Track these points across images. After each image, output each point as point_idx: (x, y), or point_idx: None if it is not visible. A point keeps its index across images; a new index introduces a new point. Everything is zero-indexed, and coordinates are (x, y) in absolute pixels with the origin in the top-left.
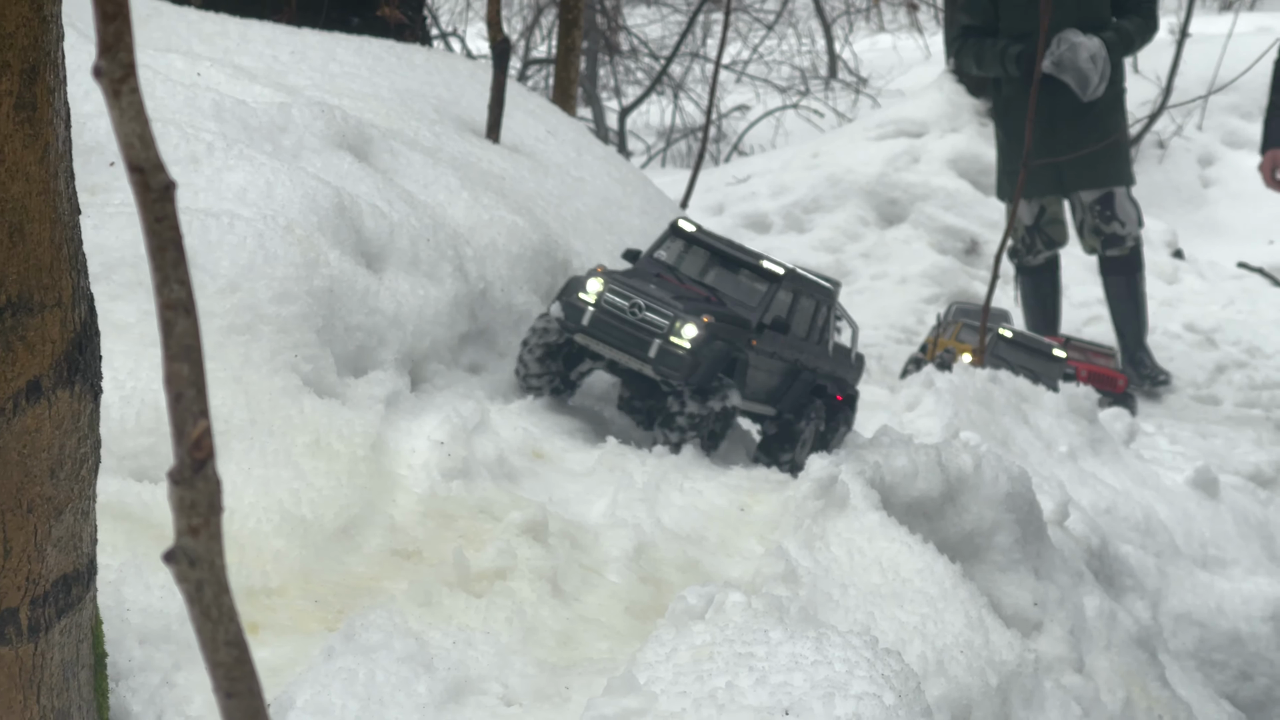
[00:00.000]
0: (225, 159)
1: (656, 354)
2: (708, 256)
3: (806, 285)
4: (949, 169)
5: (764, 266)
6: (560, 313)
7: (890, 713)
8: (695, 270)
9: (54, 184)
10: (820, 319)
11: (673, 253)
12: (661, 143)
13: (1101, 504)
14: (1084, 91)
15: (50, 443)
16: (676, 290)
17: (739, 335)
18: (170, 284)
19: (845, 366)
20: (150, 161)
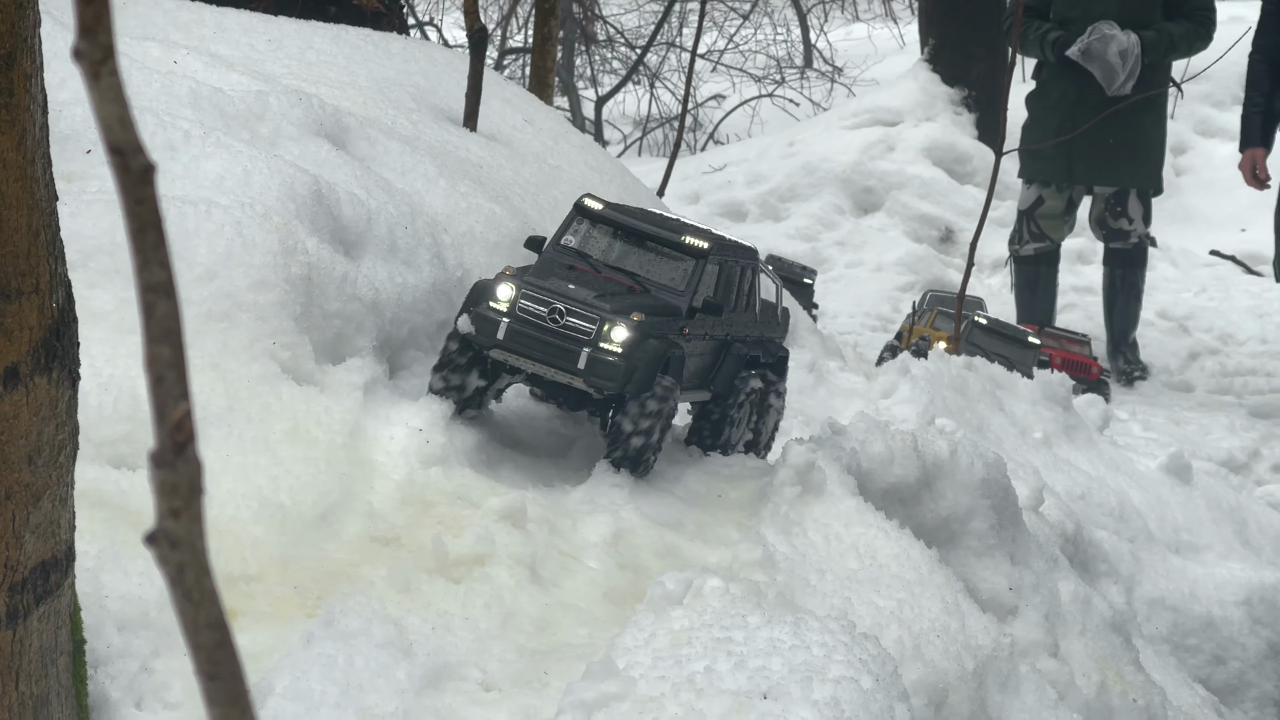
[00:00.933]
0: (202, 147)
1: (586, 364)
2: (622, 236)
3: (731, 253)
4: (924, 157)
5: (686, 243)
6: (470, 326)
7: (868, 696)
8: (610, 253)
9: (31, 170)
10: (745, 284)
11: (582, 236)
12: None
13: (1076, 490)
14: (1109, 85)
15: (28, 429)
16: (596, 284)
17: (671, 327)
18: (151, 266)
19: (772, 325)
20: (130, 143)
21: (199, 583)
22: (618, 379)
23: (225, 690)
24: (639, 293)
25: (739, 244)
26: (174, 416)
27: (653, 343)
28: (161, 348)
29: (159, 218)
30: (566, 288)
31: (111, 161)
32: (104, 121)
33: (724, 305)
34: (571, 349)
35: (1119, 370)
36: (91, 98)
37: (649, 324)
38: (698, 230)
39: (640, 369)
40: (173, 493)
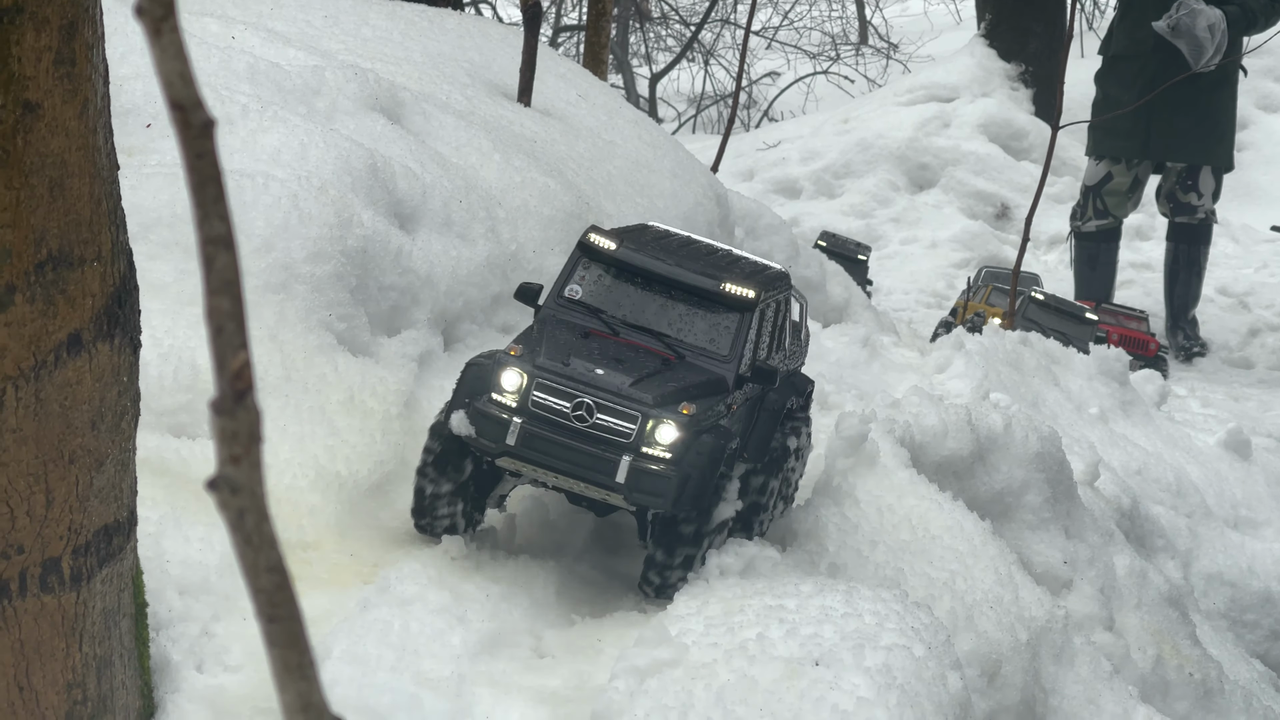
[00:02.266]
0: (260, 121)
1: (628, 477)
2: (643, 282)
3: (772, 291)
4: (980, 134)
5: (729, 293)
6: (469, 428)
7: (920, 664)
8: (629, 306)
9: (93, 139)
10: (781, 319)
11: (591, 284)
12: (692, 109)
13: (1132, 465)
14: (1196, 61)
15: (91, 395)
16: (624, 358)
17: (719, 409)
18: (211, 219)
19: (799, 354)
20: (191, 99)
21: (258, 527)
22: (668, 495)
23: (284, 632)
24: (676, 365)
25: (776, 274)
26: (233, 365)
27: (706, 441)
28: (221, 299)
29: (219, 172)
30: (593, 372)
31: (172, 117)
32: (165, 78)
33: (776, 369)
34: (608, 456)
35: (1178, 346)
36: (153, 54)
37: (699, 414)
38: (739, 269)
39: (694, 479)
40: (233, 439)
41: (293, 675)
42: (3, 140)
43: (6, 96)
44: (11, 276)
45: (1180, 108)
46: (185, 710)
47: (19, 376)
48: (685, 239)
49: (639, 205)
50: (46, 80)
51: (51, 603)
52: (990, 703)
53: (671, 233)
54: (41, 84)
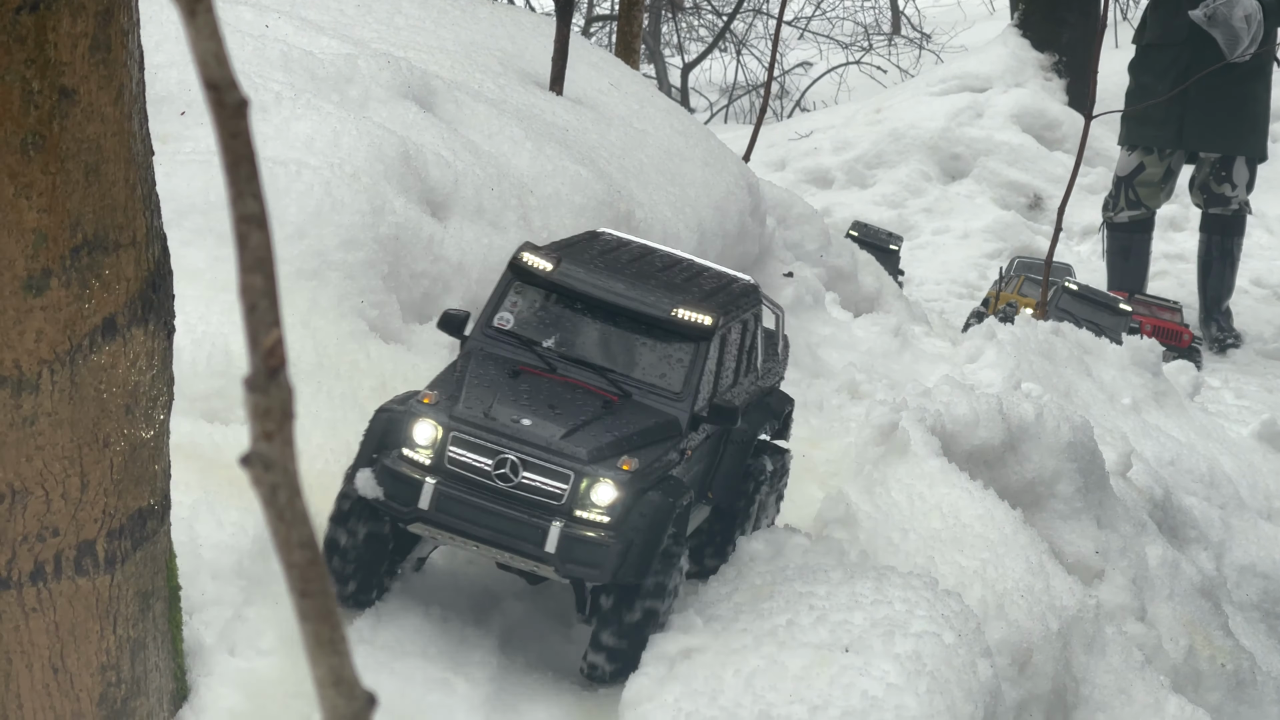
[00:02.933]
0: (293, 109)
1: (559, 546)
2: (583, 308)
3: (736, 312)
4: (1013, 124)
5: (681, 320)
6: (376, 490)
7: (950, 651)
8: (568, 334)
9: (128, 125)
10: (748, 341)
11: (524, 311)
12: (724, 99)
13: (1165, 456)
14: (1231, 50)
15: (125, 379)
16: (557, 401)
17: (670, 455)
18: (245, 198)
19: (773, 370)
20: (225, 79)
21: (291, 503)
22: (606, 565)
23: (317, 606)
24: (620, 407)
25: (741, 290)
26: (266, 343)
27: (652, 500)
28: (254, 277)
29: (252, 151)
30: (518, 422)
31: (207, 97)
32: (200, 57)
33: (737, 406)
34: (535, 522)
35: (1211, 337)
36: (188, 34)
37: (644, 469)
38: (697, 288)
39: (638, 547)
40: (266, 416)
41: (325, 650)
42: (39, 126)
43: (43, 82)
44: (47, 260)
45: (1214, 98)
46: (218, 693)
47: (54, 360)
48: (640, 250)
49: (670, 194)
50: (82, 66)
51: (86, 585)
52: (1021, 691)
53: (625, 243)
54: (78, 70)
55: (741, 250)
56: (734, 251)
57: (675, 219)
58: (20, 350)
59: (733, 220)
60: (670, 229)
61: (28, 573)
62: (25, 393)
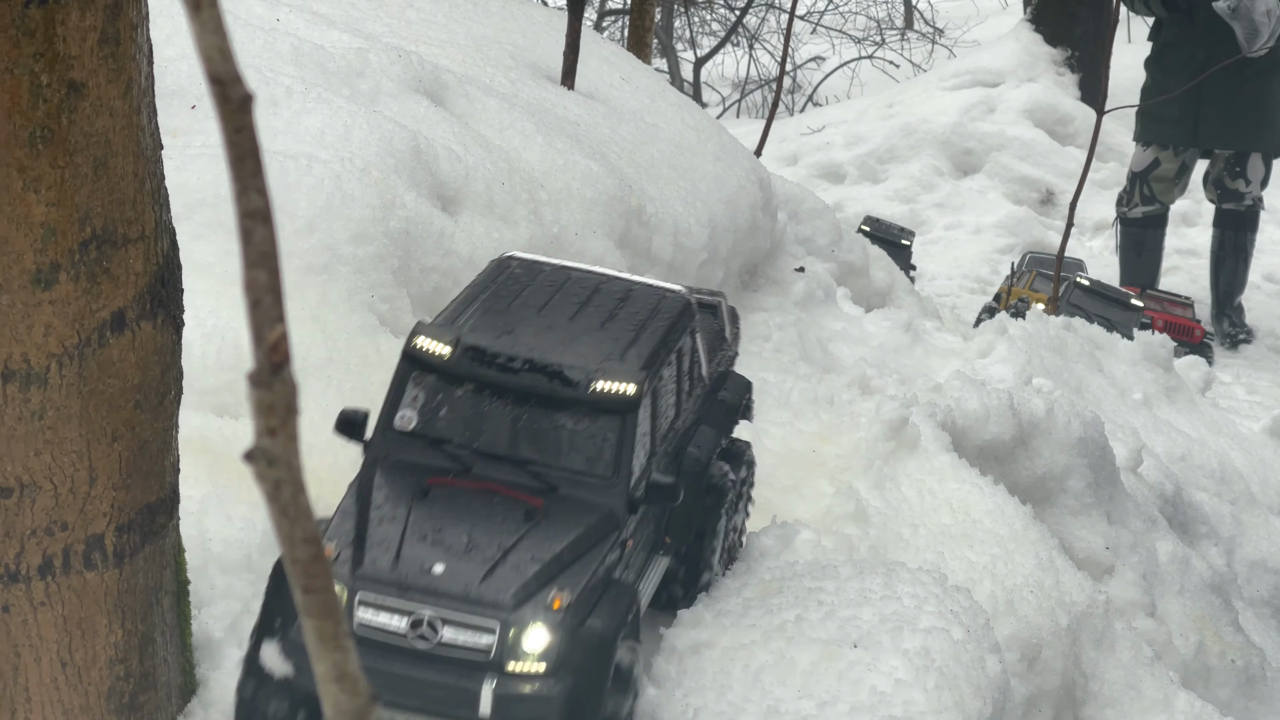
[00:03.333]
0: (304, 102)
1: (496, 708)
2: (491, 391)
3: (664, 348)
4: (1025, 119)
5: (599, 395)
6: (284, 666)
7: (959, 647)
8: (480, 425)
9: (137, 119)
10: (687, 363)
11: (427, 403)
12: (736, 93)
13: (1176, 451)
14: (1250, 44)
15: (134, 373)
16: (472, 524)
17: (610, 557)
18: (249, 193)
19: (722, 361)
20: (230, 73)
21: (294, 499)
22: (550, 718)
23: (319, 603)
24: (545, 513)
25: (672, 308)
26: (270, 338)
27: (593, 631)
28: (259, 272)
29: (256, 146)
30: (430, 570)
31: (211, 91)
32: (204, 52)
33: (676, 481)
34: (464, 686)
35: (1223, 333)
36: (193, 29)
37: (580, 595)
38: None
39: (584, 690)
40: (269, 412)
41: (328, 646)
42: (48, 119)
43: (52, 76)
44: (56, 255)
45: (1229, 94)
46: (227, 687)
47: (63, 354)
48: (553, 280)
49: (682, 189)
50: (91, 60)
51: (95, 579)
52: (1030, 687)
53: (536, 273)
54: (86, 63)
55: (753, 245)
56: (745, 246)
57: (686, 214)
58: (29, 344)
59: (744, 215)
60: (681, 224)
61: (36, 567)
62: (34, 387)
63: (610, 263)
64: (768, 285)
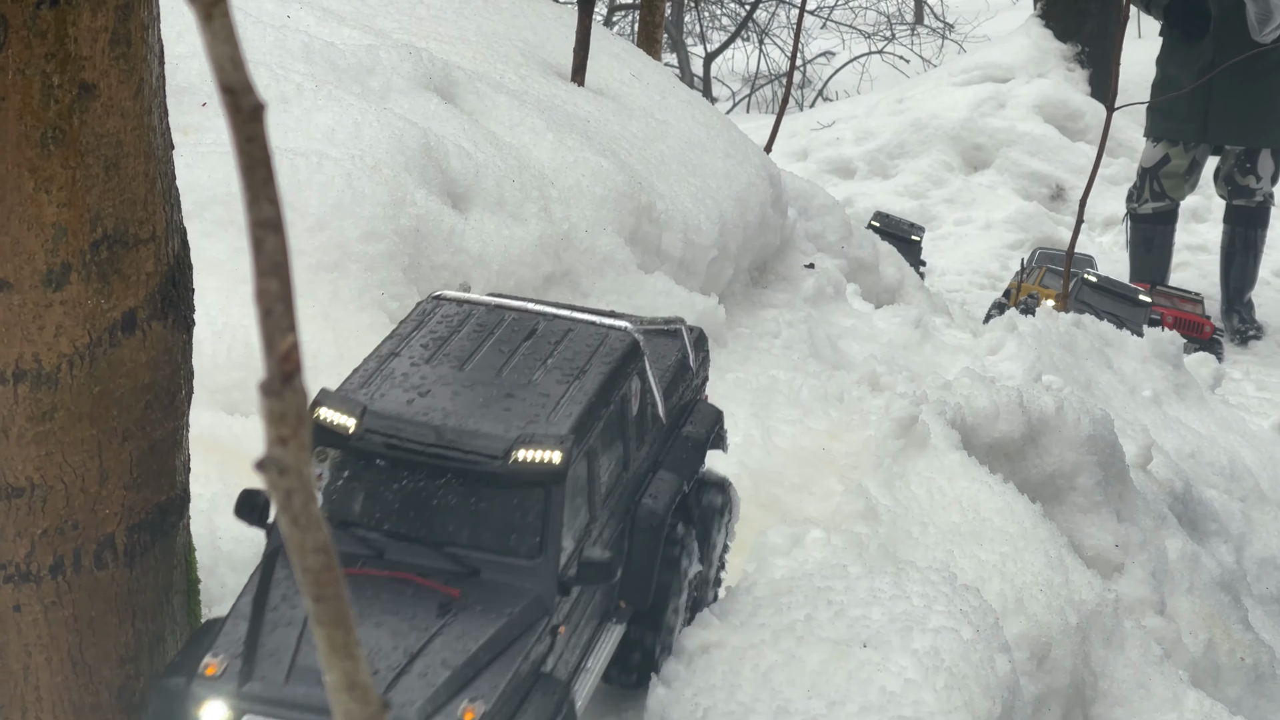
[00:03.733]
0: (314, 100)
1: None
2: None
3: (600, 404)
4: (1035, 114)
5: (525, 464)
6: None
7: (968, 647)
8: (391, 504)
9: (148, 119)
10: (635, 408)
11: (335, 480)
12: (746, 89)
13: (1186, 449)
14: (1262, 26)
15: (145, 373)
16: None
17: (538, 650)
18: (260, 202)
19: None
20: (241, 83)
21: (305, 508)
22: None
23: (330, 611)
24: (461, 605)
25: (616, 348)
26: (282, 347)
27: None
28: (270, 281)
29: (268, 155)
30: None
31: (223, 100)
32: (216, 61)
33: (609, 558)
34: None
35: (1233, 329)
36: (204, 38)
37: (497, 703)
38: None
39: None
40: (280, 421)
41: (339, 654)
42: (59, 120)
43: (63, 77)
44: (67, 255)
45: (1239, 90)
46: None
47: (74, 354)
48: (483, 325)
49: (692, 185)
50: (103, 61)
51: (105, 579)
52: (1039, 686)
53: (466, 318)
54: (98, 64)
55: (763, 241)
56: (755, 243)
57: (696, 210)
58: (40, 344)
59: (754, 211)
60: (691, 220)
61: (47, 566)
62: (45, 387)
63: (620, 260)
64: (777, 282)
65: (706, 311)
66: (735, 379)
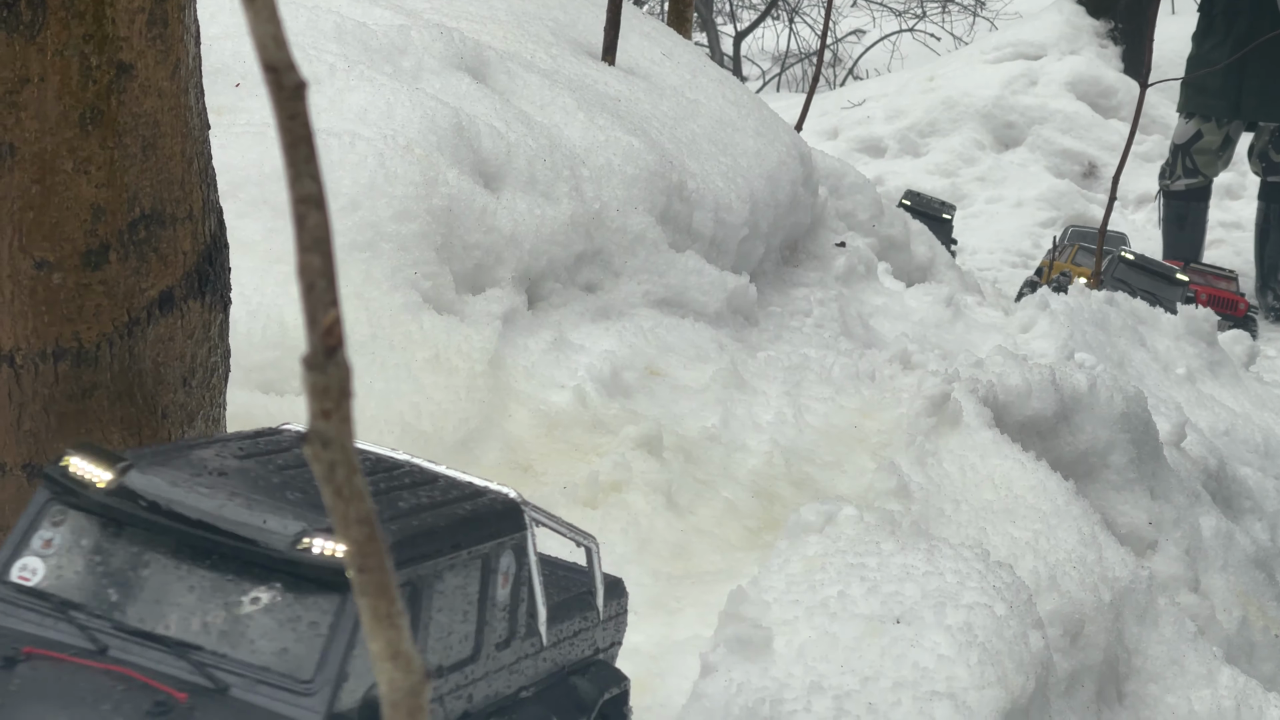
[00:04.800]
0: (347, 80)
1: None
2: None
3: (441, 534)
4: (1067, 91)
5: (315, 556)
6: None
7: (1001, 623)
8: (133, 589)
9: (184, 99)
10: (502, 594)
11: (66, 549)
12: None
13: (1220, 426)
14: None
15: (183, 351)
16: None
17: None
18: (303, 179)
19: (584, 636)
20: (283, 61)
21: (349, 480)
22: None
23: (374, 582)
24: (181, 709)
25: (489, 507)
26: (325, 322)
27: None
28: (313, 256)
29: (310, 133)
30: None
31: (265, 79)
32: (258, 40)
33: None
34: None
35: (1268, 307)
36: (247, 17)
37: None
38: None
39: None
40: (324, 395)
41: (382, 624)
42: (97, 101)
43: (101, 58)
44: (106, 235)
45: (1273, 66)
46: None
47: (113, 333)
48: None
49: (723, 164)
50: (140, 42)
51: None
52: (1072, 662)
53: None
54: (135, 45)
55: (794, 220)
56: (786, 222)
57: (727, 189)
58: (79, 323)
59: (785, 190)
60: (722, 199)
61: None
62: (85, 365)
63: (651, 239)
64: (809, 261)
65: (737, 290)
66: (767, 358)
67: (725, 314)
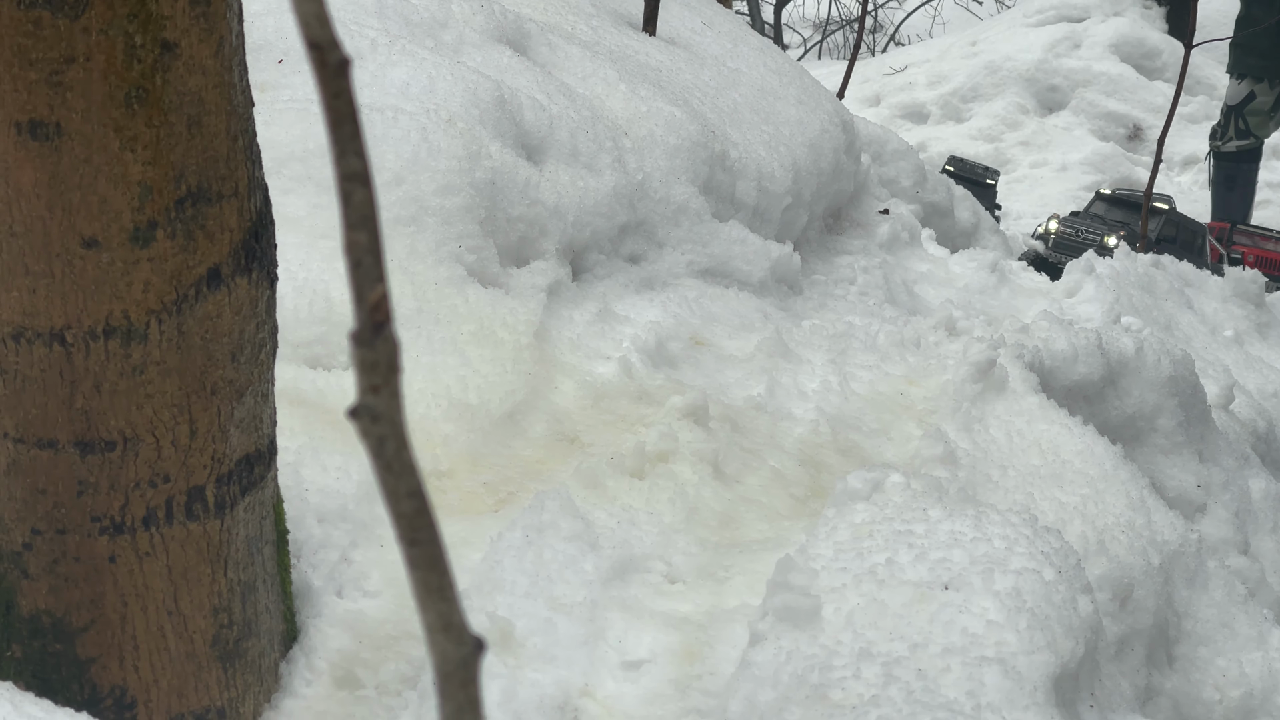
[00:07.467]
0: (388, 55)
1: None
2: None
3: None
4: (1111, 54)
5: None
6: None
7: (1050, 588)
8: None
9: (228, 76)
10: None
11: None
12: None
13: (1269, 388)
14: None
15: (231, 328)
16: None
17: None
18: (348, 156)
19: None
20: (327, 39)
21: (398, 454)
22: None
23: (425, 555)
24: None
25: None
26: (372, 298)
27: None
28: (359, 233)
29: (354, 110)
30: None
31: (309, 57)
32: (302, 18)
33: None
34: None
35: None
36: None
37: None
38: None
39: None
40: (372, 370)
41: (433, 596)
42: (142, 79)
43: (145, 36)
44: (153, 213)
45: None
46: (326, 634)
47: (161, 310)
48: None
49: (765, 133)
50: (183, 19)
51: (197, 530)
52: (1122, 626)
53: None
54: (179, 23)
55: (837, 188)
56: (829, 189)
57: (770, 158)
58: (129, 301)
59: (827, 158)
60: (765, 168)
61: (140, 518)
62: (134, 342)
63: (694, 209)
64: (852, 228)
65: (781, 259)
66: (811, 326)
67: (769, 283)
